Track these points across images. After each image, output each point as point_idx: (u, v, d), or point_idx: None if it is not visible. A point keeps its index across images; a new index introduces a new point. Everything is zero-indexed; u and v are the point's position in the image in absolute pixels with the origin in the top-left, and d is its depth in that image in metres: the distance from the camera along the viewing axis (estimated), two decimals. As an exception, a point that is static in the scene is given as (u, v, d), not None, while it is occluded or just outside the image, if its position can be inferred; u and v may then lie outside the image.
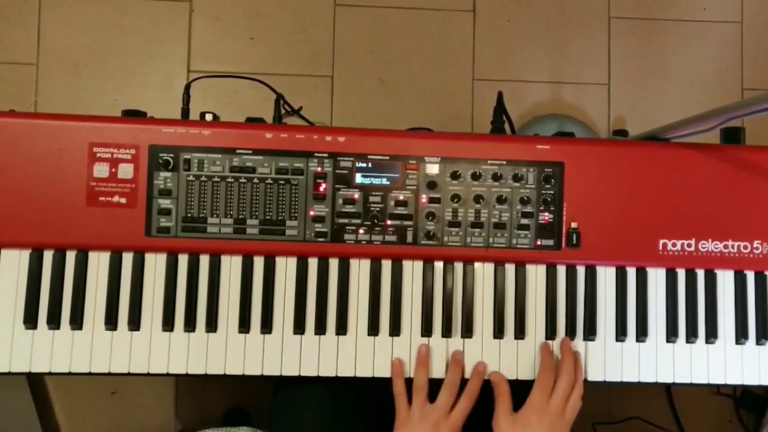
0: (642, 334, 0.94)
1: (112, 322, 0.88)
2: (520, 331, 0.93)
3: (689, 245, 0.94)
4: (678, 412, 1.51)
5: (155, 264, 0.90)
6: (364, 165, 0.91)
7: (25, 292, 0.88)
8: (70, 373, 0.88)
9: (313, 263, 0.91)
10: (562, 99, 1.55)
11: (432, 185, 0.92)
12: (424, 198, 0.92)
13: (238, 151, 0.89)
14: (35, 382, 1.41)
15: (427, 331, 0.92)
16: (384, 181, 0.91)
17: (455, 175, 0.92)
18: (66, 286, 0.88)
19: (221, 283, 0.90)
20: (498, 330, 0.92)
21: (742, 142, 0.98)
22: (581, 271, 0.94)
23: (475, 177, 0.92)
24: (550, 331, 0.93)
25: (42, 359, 0.88)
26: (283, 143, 0.90)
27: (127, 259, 0.89)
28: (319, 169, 0.90)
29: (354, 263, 0.92)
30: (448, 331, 0.92)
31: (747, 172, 0.94)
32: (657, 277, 0.95)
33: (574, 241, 0.92)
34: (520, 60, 1.55)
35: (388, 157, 0.91)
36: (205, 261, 0.90)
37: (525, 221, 0.92)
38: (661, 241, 0.93)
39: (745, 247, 0.94)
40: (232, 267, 0.91)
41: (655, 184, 0.93)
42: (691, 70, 1.58)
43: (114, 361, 0.88)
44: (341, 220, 0.91)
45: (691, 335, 0.94)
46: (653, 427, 1.49)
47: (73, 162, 0.88)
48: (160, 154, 0.89)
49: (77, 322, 0.88)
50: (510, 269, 0.94)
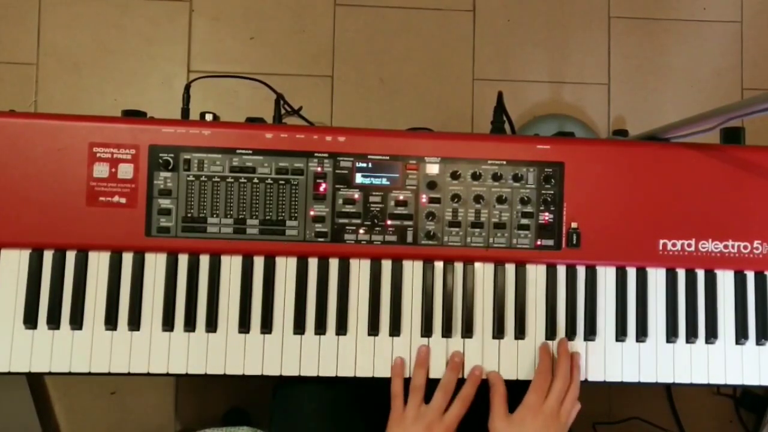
0: (642, 334, 0.94)
1: (112, 322, 0.88)
2: (520, 331, 0.93)
3: (689, 245, 0.94)
4: (678, 412, 1.51)
5: (155, 264, 0.90)
6: (364, 165, 0.91)
7: (25, 292, 0.88)
8: (70, 373, 0.88)
9: (313, 263, 0.91)
10: (562, 99, 1.55)
11: (432, 185, 0.92)
12: (424, 198, 0.92)
13: (238, 151, 0.89)
14: (35, 382, 1.41)
15: (427, 331, 0.91)
16: (384, 181, 0.91)
17: (455, 175, 0.92)
18: (66, 286, 0.88)
19: (221, 283, 0.90)
20: (498, 330, 0.92)
21: (742, 142, 0.98)
22: (581, 271, 0.94)
23: (475, 177, 0.92)
24: (550, 332, 0.93)
25: (42, 359, 0.88)
26: (283, 143, 0.90)
27: (127, 259, 0.89)
28: (319, 169, 0.90)
29: (354, 263, 0.92)
30: (448, 331, 0.92)
31: (747, 172, 0.94)
32: (657, 277, 0.95)
33: (574, 241, 0.92)
34: (520, 60, 1.55)
35: (388, 157, 0.91)
36: (205, 261, 0.90)
37: (525, 221, 0.92)
38: (661, 241, 0.93)
39: (745, 247, 0.94)
40: (232, 267, 0.91)
41: (655, 184, 0.93)
42: (691, 70, 1.58)
43: (114, 361, 0.88)
44: (341, 220, 0.91)
45: (691, 335, 0.94)
46: (653, 427, 1.49)
47: (73, 162, 0.87)
48: (160, 154, 0.89)
49: (77, 322, 0.88)
50: (510, 269, 0.94)
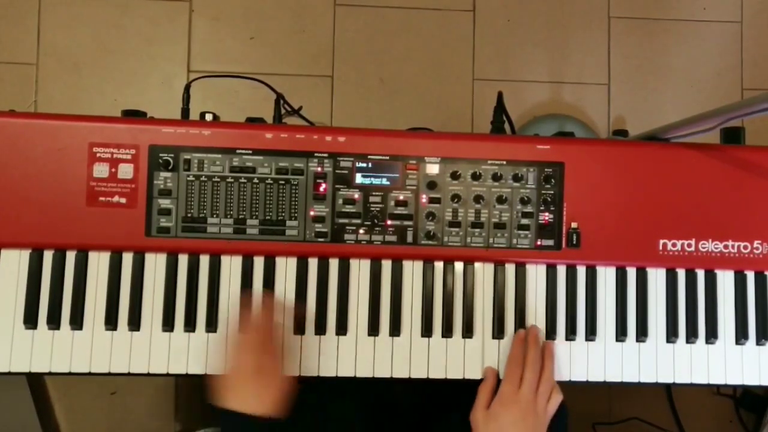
0: (642, 334, 0.93)
1: (112, 323, 0.88)
2: (520, 331, 0.93)
3: (689, 245, 0.94)
4: (678, 412, 1.51)
5: (155, 264, 0.90)
6: (364, 165, 0.91)
7: (25, 292, 0.88)
8: (70, 373, 0.88)
9: (313, 263, 0.91)
10: (562, 99, 1.55)
11: (432, 185, 0.92)
12: (424, 198, 0.92)
13: (238, 151, 0.89)
14: (35, 382, 1.41)
15: (427, 331, 0.91)
16: (384, 181, 0.91)
17: (455, 175, 0.92)
18: (66, 286, 0.88)
19: (221, 284, 0.90)
20: (498, 330, 0.92)
21: (742, 142, 0.98)
22: (581, 271, 0.94)
23: (475, 177, 0.92)
24: (550, 331, 0.93)
25: (42, 359, 0.88)
26: (283, 143, 0.90)
27: (127, 259, 0.89)
28: (319, 169, 0.90)
29: (354, 263, 0.92)
30: (448, 331, 0.91)
31: (747, 172, 0.94)
32: (657, 277, 0.95)
33: (574, 241, 0.92)
34: (520, 60, 1.55)
35: (388, 157, 0.91)
36: (205, 261, 0.90)
37: (525, 221, 0.92)
38: (661, 241, 0.93)
39: (745, 247, 0.94)
40: (232, 267, 0.91)
41: (655, 184, 0.93)
42: (691, 70, 1.58)
43: (114, 361, 0.88)
44: (341, 220, 0.91)
45: (691, 335, 0.94)
46: (653, 427, 1.49)
47: (73, 162, 0.87)
48: (160, 154, 0.89)
49: (77, 322, 0.88)
50: (510, 269, 0.94)
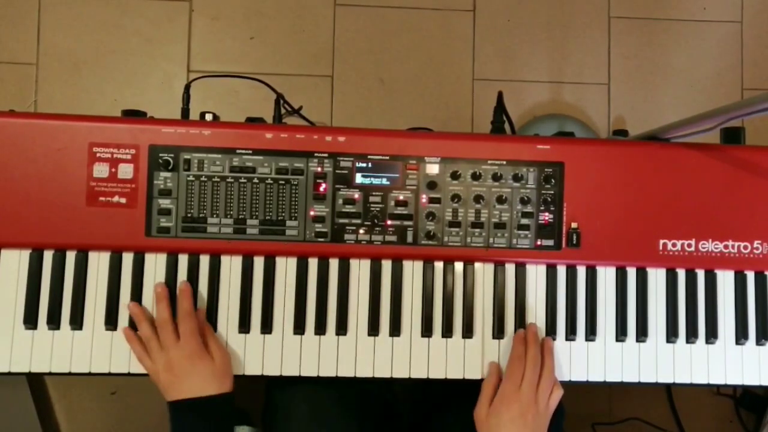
0: (642, 334, 0.93)
1: (112, 322, 0.88)
2: (520, 331, 0.92)
3: (689, 245, 0.94)
4: (678, 412, 1.51)
5: (155, 264, 0.90)
6: (364, 165, 0.91)
7: (25, 292, 0.88)
8: (70, 374, 0.88)
9: (313, 263, 0.91)
10: (562, 99, 1.55)
11: (432, 185, 0.92)
12: (424, 198, 0.92)
13: (238, 151, 0.89)
14: (35, 382, 1.41)
15: (427, 331, 0.91)
16: (384, 181, 0.91)
17: (455, 175, 0.92)
18: (66, 286, 0.88)
19: (221, 284, 0.90)
20: (498, 330, 0.92)
21: (742, 142, 0.98)
22: (581, 271, 0.94)
23: (475, 177, 0.92)
24: (551, 332, 0.93)
25: (42, 359, 0.88)
26: (283, 143, 0.90)
27: (127, 259, 0.89)
28: (319, 169, 0.90)
29: (354, 263, 0.92)
30: (448, 331, 0.92)
31: (747, 172, 0.94)
32: (657, 277, 0.95)
33: (574, 241, 0.92)
34: (520, 60, 1.55)
35: (388, 157, 0.91)
36: (205, 261, 0.90)
37: (525, 221, 0.92)
38: (661, 241, 0.93)
39: (745, 247, 0.94)
40: (232, 267, 0.91)
41: (655, 184, 0.93)
42: (691, 70, 1.58)
43: (114, 361, 0.88)
44: (341, 220, 0.91)
45: (691, 335, 0.94)
46: (653, 427, 1.49)
47: (73, 162, 0.87)
48: (160, 154, 0.89)
49: (77, 322, 0.88)
50: (510, 269, 0.94)
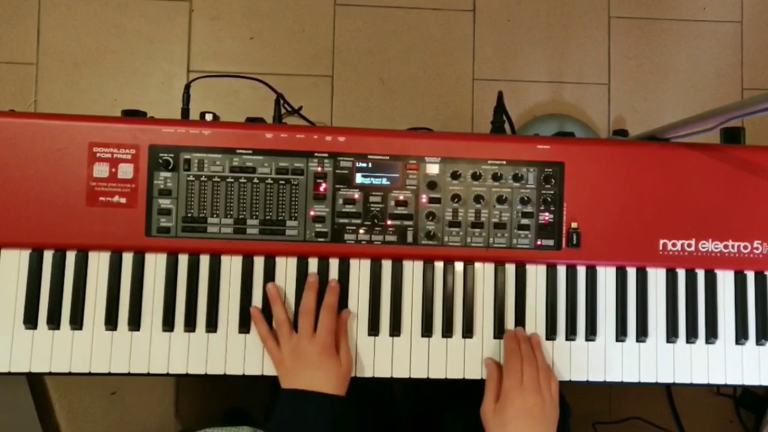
0: (642, 334, 0.93)
1: (112, 322, 0.88)
2: (520, 331, 0.92)
3: (689, 245, 0.94)
4: (678, 412, 1.51)
5: (155, 264, 0.90)
6: (364, 165, 0.91)
7: (25, 292, 0.88)
8: (70, 373, 0.88)
9: (313, 263, 0.91)
10: (562, 99, 1.55)
11: (432, 185, 0.92)
12: (424, 198, 0.92)
13: (238, 151, 0.89)
14: (35, 382, 1.41)
15: (427, 331, 0.91)
16: (384, 181, 0.91)
17: (455, 175, 0.92)
18: (66, 286, 0.88)
19: (221, 283, 0.90)
20: (498, 330, 0.92)
21: (742, 142, 0.98)
22: (581, 271, 0.94)
23: (475, 177, 0.92)
24: (551, 331, 0.93)
25: (42, 359, 0.88)
26: (283, 143, 0.90)
27: (127, 259, 0.89)
28: (319, 169, 0.90)
29: (354, 263, 0.92)
30: (448, 331, 0.91)
31: (747, 172, 0.94)
32: (657, 277, 0.95)
33: (574, 241, 0.92)
34: (520, 60, 1.55)
35: (388, 157, 0.91)
36: (205, 261, 0.90)
37: (525, 221, 0.92)
38: (661, 241, 0.93)
39: (745, 247, 0.94)
40: (232, 267, 0.91)
41: (655, 184, 0.93)
42: (691, 70, 1.58)
43: (114, 361, 0.88)
44: (341, 220, 0.91)
45: (691, 335, 0.94)
46: (653, 427, 1.49)
47: (73, 162, 0.87)
48: (160, 154, 0.89)
49: (77, 322, 0.88)
50: (510, 269, 0.94)
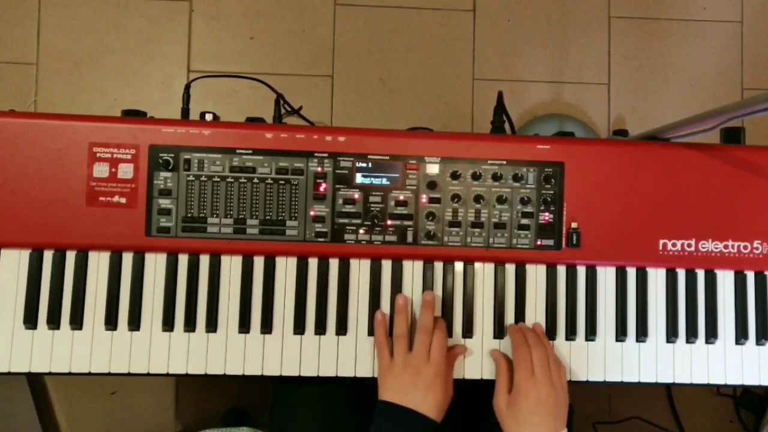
0: (642, 334, 0.94)
1: (112, 322, 0.88)
2: (520, 331, 0.92)
3: (689, 245, 0.94)
4: (678, 412, 1.51)
5: (155, 264, 0.90)
6: (364, 165, 0.91)
7: (25, 292, 0.88)
8: (70, 374, 0.88)
9: (313, 263, 0.91)
10: (562, 99, 1.55)
11: (432, 185, 0.92)
12: (424, 198, 0.92)
13: (238, 151, 0.89)
14: (35, 382, 1.41)
15: (427, 331, 0.91)
16: (384, 181, 0.91)
17: (455, 175, 0.92)
18: (66, 286, 0.88)
19: (221, 283, 0.90)
20: (498, 330, 0.92)
21: (742, 142, 0.98)
22: (581, 271, 0.94)
23: (475, 177, 0.92)
24: (551, 331, 0.93)
25: (42, 359, 0.88)
26: (283, 143, 0.90)
27: (127, 259, 0.89)
28: (319, 169, 0.90)
29: (354, 263, 0.92)
30: (448, 331, 0.91)
31: (747, 172, 0.94)
32: (657, 277, 0.95)
33: (574, 241, 0.92)
34: (520, 60, 1.55)
35: (388, 157, 0.91)
36: (205, 261, 0.90)
37: (525, 221, 0.92)
38: (661, 241, 0.93)
39: (745, 247, 0.94)
40: (232, 267, 0.91)
41: (655, 184, 0.93)
42: (691, 70, 1.58)
43: (114, 361, 0.88)
44: (341, 220, 0.91)
45: (691, 335, 0.94)
46: (653, 427, 1.49)
47: (73, 162, 0.87)
48: (160, 154, 0.89)
49: (77, 322, 0.88)
50: (510, 269, 0.94)
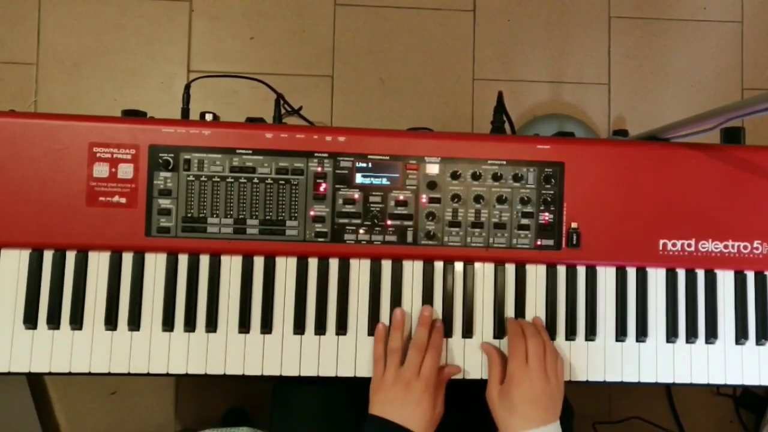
0: (642, 334, 0.94)
1: (112, 322, 0.88)
2: (520, 331, 0.92)
3: (689, 245, 0.94)
4: (678, 412, 1.51)
5: (155, 264, 0.90)
6: (364, 165, 0.91)
7: (25, 292, 0.88)
8: (70, 374, 0.88)
9: (313, 263, 0.91)
10: (562, 99, 1.55)
11: (432, 185, 0.92)
12: (424, 198, 0.92)
13: (238, 151, 0.89)
14: (35, 382, 1.41)
15: (427, 331, 0.91)
16: (384, 181, 0.91)
17: (455, 175, 0.92)
18: (66, 286, 0.88)
19: (221, 283, 0.90)
20: (498, 330, 0.92)
21: (742, 142, 0.98)
22: (581, 271, 0.94)
23: (475, 177, 0.92)
24: (551, 331, 0.93)
25: (42, 359, 0.88)
26: (283, 143, 0.90)
27: (127, 259, 0.89)
28: (319, 169, 0.90)
29: (354, 263, 0.92)
30: (448, 331, 0.91)
31: (747, 172, 0.94)
32: (657, 277, 0.95)
33: (574, 241, 0.92)
34: (520, 60, 1.55)
35: (388, 157, 0.91)
36: (205, 261, 0.90)
37: (525, 221, 0.92)
38: (661, 241, 0.93)
39: (745, 247, 0.94)
40: (232, 267, 0.91)
41: (655, 184, 0.93)
42: (691, 70, 1.58)
43: (114, 361, 0.88)
44: (341, 220, 0.91)
45: (691, 335, 0.94)
46: (653, 427, 1.49)
47: (73, 162, 0.87)
48: (160, 154, 0.89)
49: (77, 322, 0.88)
50: (510, 269, 0.94)
